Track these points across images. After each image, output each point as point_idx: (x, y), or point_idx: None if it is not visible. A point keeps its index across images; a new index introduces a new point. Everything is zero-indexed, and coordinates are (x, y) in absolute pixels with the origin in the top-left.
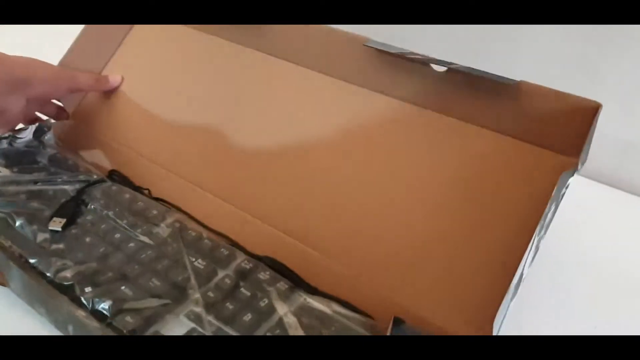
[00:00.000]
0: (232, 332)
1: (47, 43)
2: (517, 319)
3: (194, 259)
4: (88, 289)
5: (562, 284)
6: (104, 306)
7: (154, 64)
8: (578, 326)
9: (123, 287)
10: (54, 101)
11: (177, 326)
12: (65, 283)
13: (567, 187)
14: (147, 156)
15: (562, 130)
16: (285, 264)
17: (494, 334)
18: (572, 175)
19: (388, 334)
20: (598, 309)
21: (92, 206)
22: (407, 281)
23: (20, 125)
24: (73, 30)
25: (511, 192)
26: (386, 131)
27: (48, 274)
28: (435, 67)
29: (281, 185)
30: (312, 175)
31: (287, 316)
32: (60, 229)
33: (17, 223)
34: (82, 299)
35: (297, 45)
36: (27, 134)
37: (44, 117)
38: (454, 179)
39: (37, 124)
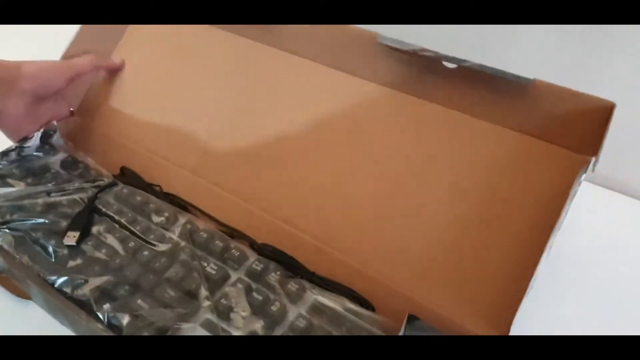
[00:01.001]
0: None
1: (46, 44)
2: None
3: (206, 264)
4: (106, 306)
5: (558, 284)
6: (120, 321)
7: (156, 58)
8: (576, 327)
9: (139, 301)
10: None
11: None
12: (84, 299)
13: (579, 185)
14: (154, 151)
15: (578, 129)
16: (286, 252)
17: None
18: (585, 172)
19: (402, 331)
20: (594, 310)
21: (105, 213)
22: (421, 276)
23: None
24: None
25: (527, 188)
26: (400, 128)
27: (66, 291)
28: (447, 64)
29: (291, 180)
30: (322, 170)
31: (299, 320)
32: (74, 244)
33: (35, 240)
34: (99, 314)
35: (307, 40)
36: (34, 141)
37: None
38: (469, 175)
39: (42, 129)
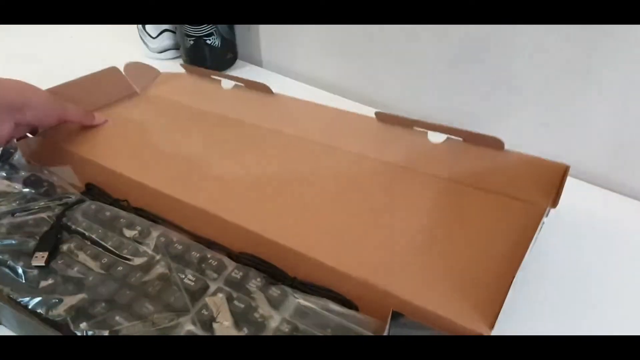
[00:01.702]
0: None
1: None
2: (506, 318)
3: (183, 276)
4: (83, 324)
5: (554, 283)
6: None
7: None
8: (577, 328)
9: (117, 317)
10: None
11: None
12: (59, 319)
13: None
14: (119, 167)
15: (539, 188)
16: (265, 259)
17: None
18: (547, 215)
19: (386, 328)
20: (594, 311)
21: (75, 230)
22: (403, 273)
23: None
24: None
25: (497, 227)
26: (376, 183)
27: (40, 312)
28: (432, 136)
29: (264, 194)
30: (298, 187)
31: (283, 325)
32: (44, 264)
33: (2, 263)
34: (77, 333)
35: (293, 118)
36: None
37: None
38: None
39: (1, 148)
